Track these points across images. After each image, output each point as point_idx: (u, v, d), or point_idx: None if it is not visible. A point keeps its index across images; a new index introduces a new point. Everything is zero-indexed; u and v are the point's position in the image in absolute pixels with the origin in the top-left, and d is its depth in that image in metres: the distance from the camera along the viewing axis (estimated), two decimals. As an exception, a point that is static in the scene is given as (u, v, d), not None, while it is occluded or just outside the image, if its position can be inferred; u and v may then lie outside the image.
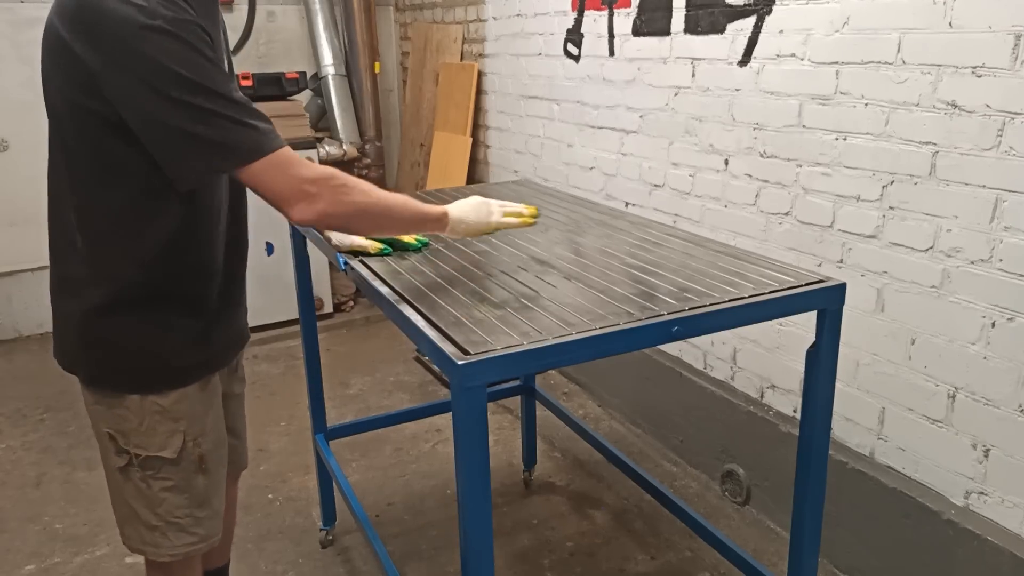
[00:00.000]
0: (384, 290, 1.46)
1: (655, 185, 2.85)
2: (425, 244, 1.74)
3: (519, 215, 1.60)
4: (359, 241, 1.68)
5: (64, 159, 1.32)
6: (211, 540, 1.56)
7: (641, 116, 2.86)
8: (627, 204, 3.00)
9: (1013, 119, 1.69)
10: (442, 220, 1.53)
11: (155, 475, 1.45)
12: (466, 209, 1.56)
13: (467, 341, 1.20)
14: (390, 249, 1.69)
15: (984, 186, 1.77)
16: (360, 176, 1.97)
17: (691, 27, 2.55)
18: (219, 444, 1.55)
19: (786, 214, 2.31)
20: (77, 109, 1.26)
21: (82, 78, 1.21)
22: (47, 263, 1.44)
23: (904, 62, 1.90)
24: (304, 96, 4.57)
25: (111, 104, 1.22)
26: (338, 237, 1.70)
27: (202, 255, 1.44)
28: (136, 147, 1.25)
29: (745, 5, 2.33)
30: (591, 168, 3.21)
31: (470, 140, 4.10)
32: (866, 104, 2.01)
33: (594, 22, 3.03)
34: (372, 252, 1.67)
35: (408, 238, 1.72)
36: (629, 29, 2.84)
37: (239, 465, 1.84)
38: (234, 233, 1.54)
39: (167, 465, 1.45)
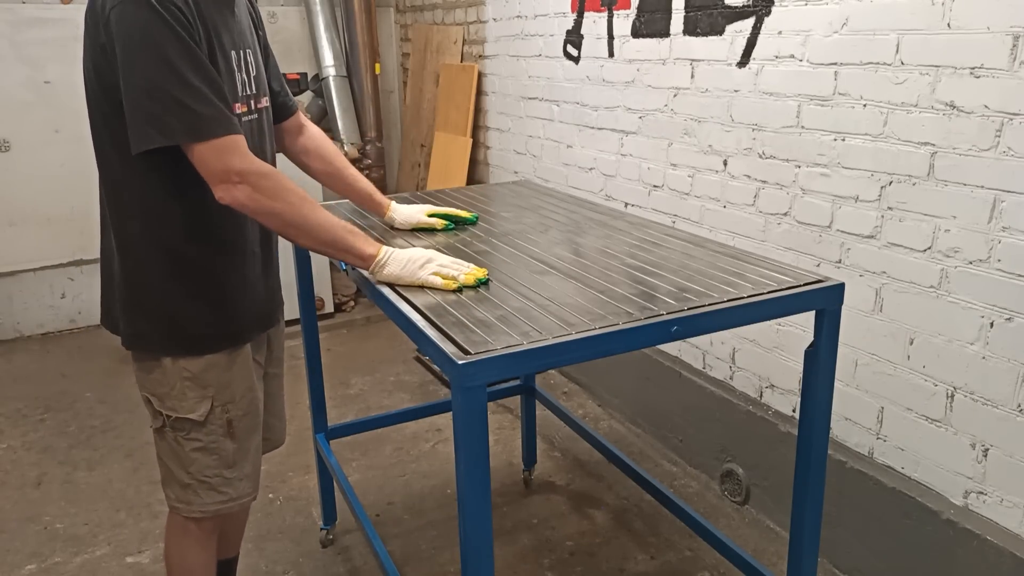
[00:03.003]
0: (385, 290, 1.46)
1: (654, 186, 2.85)
2: (476, 218, 1.97)
3: (453, 280, 1.45)
4: (422, 219, 1.88)
5: (93, 136, 1.45)
6: (241, 500, 1.67)
7: (640, 117, 2.86)
8: (626, 205, 3.01)
9: (1011, 120, 1.69)
10: (366, 260, 1.48)
11: (186, 436, 1.58)
12: (401, 258, 1.48)
13: (467, 340, 1.21)
14: (452, 225, 1.90)
15: (982, 186, 1.77)
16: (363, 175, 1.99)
17: (690, 28, 2.56)
18: (250, 413, 1.64)
19: (785, 214, 2.31)
20: (94, 82, 1.39)
21: (97, 48, 1.35)
22: (47, 263, 1.49)
23: (903, 63, 1.90)
24: (305, 97, 4.57)
25: (115, 73, 1.33)
26: (402, 217, 1.90)
27: (229, 230, 1.52)
28: None
29: (744, 6, 2.34)
30: (591, 169, 3.22)
31: (470, 141, 4.10)
32: (865, 105, 2.01)
33: (594, 23, 3.04)
34: (438, 228, 1.88)
35: (465, 213, 1.95)
36: (628, 30, 2.85)
37: (274, 442, 1.91)
38: None
39: (196, 427, 1.57)
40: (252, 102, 1.56)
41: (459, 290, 1.44)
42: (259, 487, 1.74)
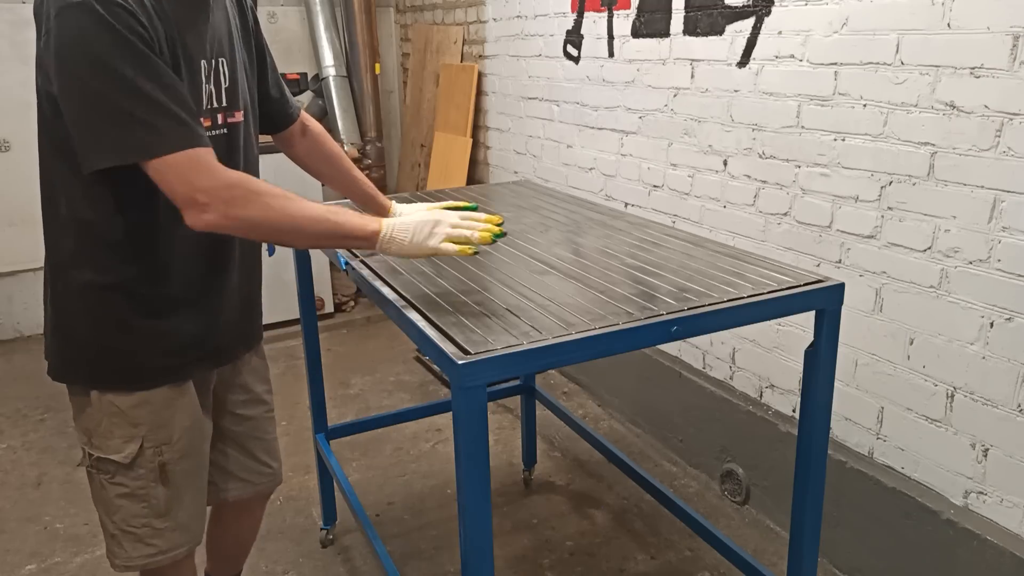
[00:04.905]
0: (385, 290, 1.46)
1: (654, 186, 2.85)
2: (476, 208, 1.61)
3: (467, 241, 1.34)
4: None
5: (39, 142, 1.33)
6: (173, 553, 1.48)
7: (640, 117, 2.86)
8: (626, 205, 3.01)
9: (1011, 120, 1.69)
10: (370, 240, 1.33)
11: (110, 479, 1.41)
12: (407, 227, 1.33)
13: (467, 340, 1.20)
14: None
15: (982, 186, 1.77)
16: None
17: (690, 28, 2.56)
18: (189, 456, 1.48)
19: (785, 214, 2.31)
20: (40, 86, 1.25)
21: (38, 52, 1.22)
22: (48, 263, 1.43)
23: (903, 63, 1.90)
24: (305, 97, 4.57)
25: (50, 81, 1.20)
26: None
27: (161, 256, 1.36)
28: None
29: (744, 6, 2.34)
30: (591, 169, 3.22)
31: (470, 141, 4.10)
32: (864, 105, 2.01)
33: (594, 23, 3.04)
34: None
35: (463, 203, 1.67)
36: (628, 30, 2.85)
37: (259, 488, 1.76)
38: (224, 246, 1.47)
39: (121, 470, 1.41)
40: (220, 116, 1.40)
41: (476, 252, 1.34)
42: (201, 537, 1.57)
